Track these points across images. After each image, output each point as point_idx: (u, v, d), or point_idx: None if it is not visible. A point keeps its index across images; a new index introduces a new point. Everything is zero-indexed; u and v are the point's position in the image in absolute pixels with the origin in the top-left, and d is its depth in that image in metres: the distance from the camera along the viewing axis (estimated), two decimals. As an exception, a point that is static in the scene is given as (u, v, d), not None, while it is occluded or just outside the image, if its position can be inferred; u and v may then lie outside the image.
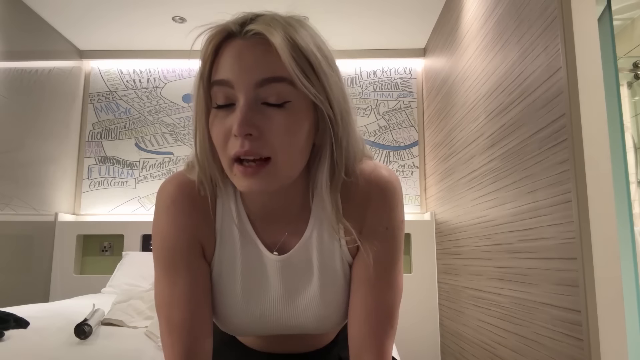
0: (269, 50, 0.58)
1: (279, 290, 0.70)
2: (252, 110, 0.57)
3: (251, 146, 0.57)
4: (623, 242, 1.32)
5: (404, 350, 2.62)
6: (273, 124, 0.58)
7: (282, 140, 0.58)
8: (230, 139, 0.58)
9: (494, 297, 1.86)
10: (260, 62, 0.58)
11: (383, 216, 0.68)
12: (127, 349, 1.31)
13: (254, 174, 0.58)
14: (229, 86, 0.59)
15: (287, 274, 0.70)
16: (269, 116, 0.58)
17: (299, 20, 0.62)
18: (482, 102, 1.98)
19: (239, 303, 0.70)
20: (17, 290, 2.50)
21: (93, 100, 3.15)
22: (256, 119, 0.57)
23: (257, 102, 0.58)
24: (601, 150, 1.24)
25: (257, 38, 0.59)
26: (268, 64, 0.58)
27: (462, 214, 2.29)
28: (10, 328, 1.33)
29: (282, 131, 0.58)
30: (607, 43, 1.40)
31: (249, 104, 0.57)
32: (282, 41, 0.57)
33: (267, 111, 0.58)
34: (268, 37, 0.58)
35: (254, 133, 0.57)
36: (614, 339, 1.17)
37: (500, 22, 1.80)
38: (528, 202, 1.55)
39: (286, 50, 0.56)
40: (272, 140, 0.57)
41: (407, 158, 3.09)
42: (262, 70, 0.58)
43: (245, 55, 0.58)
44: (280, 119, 0.58)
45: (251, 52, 0.58)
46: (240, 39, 0.60)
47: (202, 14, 2.69)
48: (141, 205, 3.06)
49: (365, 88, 3.15)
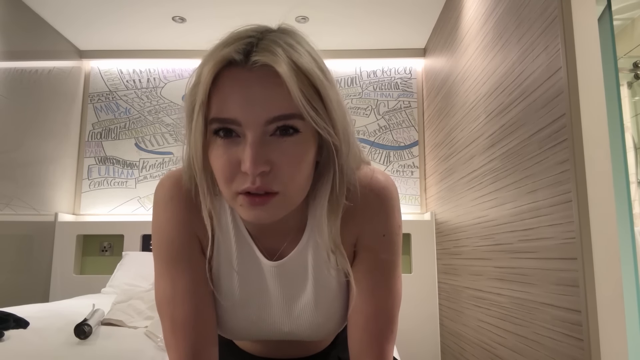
0: (276, 84, 0.54)
1: (275, 295, 0.70)
2: (263, 145, 0.55)
3: (262, 182, 0.55)
4: (623, 242, 1.31)
5: (404, 350, 2.62)
6: (284, 156, 0.56)
7: (292, 172, 0.56)
8: (238, 174, 0.56)
9: (494, 297, 1.86)
10: (269, 99, 0.55)
11: (380, 223, 0.68)
12: (127, 349, 1.31)
13: (262, 204, 0.56)
14: (237, 124, 0.55)
15: (282, 280, 0.69)
16: (279, 148, 0.56)
17: (294, 34, 0.59)
18: (482, 102, 1.98)
19: (236, 306, 0.70)
20: (17, 290, 2.50)
21: (93, 100, 3.15)
22: (267, 154, 0.55)
23: (266, 135, 0.56)
24: (601, 150, 1.24)
25: (264, 70, 0.55)
26: (278, 101, 0.55)
27: (462, 214, 2.29)
28: (10, 328, 1.33)
29: (293, 163, 0.56)
30: (607, 43, 1.40)
31: (260, 140, 0.55)
32: (288, 71, 0.54)
33: (275, 142, 0.56)
34: (275, 68, 0.54)
35: (266, 169, 0.55)
36: (614, 339, 1.17)
37: (500, 22, 1.80)
38: (528, 202, 1.55)
39: (294, 82, 0.54)
40: (282, 173, 0.56)
41: (407, 158, 3.09)
42: (273, 108, 0.55)
43: (254, 91, 0.55)
44: (289, 150, 0.56)
45: (260, 87, 0.55)
46: (245, 70, 0.56)
47: (202, 14, 2.69)
48: (141, 205, 3.06)
49: (365, 88, 3.15)
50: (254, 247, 0.68)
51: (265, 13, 2.68)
